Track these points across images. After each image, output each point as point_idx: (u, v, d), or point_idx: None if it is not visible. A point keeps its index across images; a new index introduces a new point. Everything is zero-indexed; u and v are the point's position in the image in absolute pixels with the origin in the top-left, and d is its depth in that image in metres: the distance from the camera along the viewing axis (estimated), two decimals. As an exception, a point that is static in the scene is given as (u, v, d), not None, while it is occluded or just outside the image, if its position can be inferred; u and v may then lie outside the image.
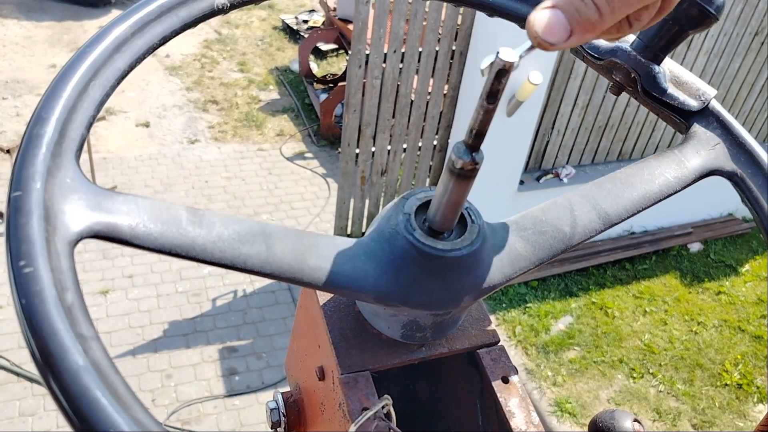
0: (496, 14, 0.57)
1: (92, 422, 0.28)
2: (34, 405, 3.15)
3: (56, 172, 0.35)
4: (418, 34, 3.38)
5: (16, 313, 0.31)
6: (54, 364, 0.29)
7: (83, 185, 0.36)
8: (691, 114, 0.57)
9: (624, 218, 0.52)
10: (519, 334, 3.92)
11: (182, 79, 6.11)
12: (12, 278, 0.31)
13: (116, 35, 0.42)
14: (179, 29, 0.45)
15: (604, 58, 0.56)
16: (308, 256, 0.44)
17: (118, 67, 0.41)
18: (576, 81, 3.81)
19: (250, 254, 0.41)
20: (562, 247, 0.51)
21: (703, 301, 4.37)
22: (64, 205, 0.35)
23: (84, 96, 0.39)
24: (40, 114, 0.37)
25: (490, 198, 3.78)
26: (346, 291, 0.45)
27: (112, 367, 0.30)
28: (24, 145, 0.36)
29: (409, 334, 0.55)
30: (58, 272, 0.32)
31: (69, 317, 0.30)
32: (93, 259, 4.01)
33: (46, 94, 0.38)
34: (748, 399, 3.71)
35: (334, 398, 0.57)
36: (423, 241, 0.46)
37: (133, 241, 0.37)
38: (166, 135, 5.31)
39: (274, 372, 3.49)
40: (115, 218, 0.36)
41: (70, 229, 0.34)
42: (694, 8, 0.49)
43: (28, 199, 0.33)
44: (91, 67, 0.40)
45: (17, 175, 0.34)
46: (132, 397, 0.30)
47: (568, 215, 0.51)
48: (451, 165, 0.41)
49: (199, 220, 0.40)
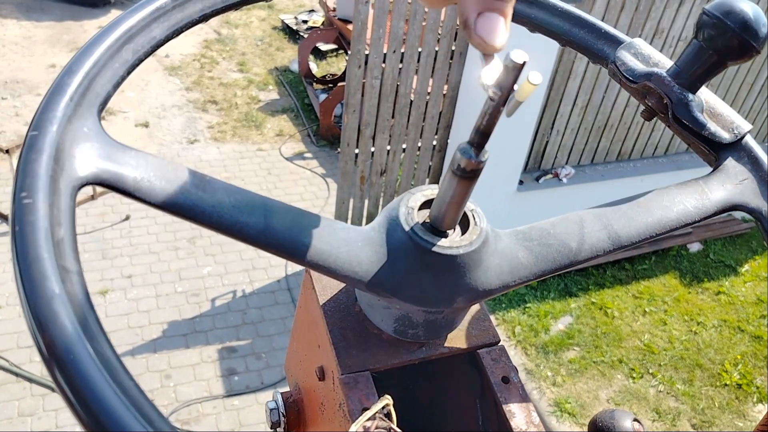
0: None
1: (56, 347, 0.28)
2: (33, 405, 3.15)
3: (75, 120, 0.37)
4: (417, 34, 3.38)
5: (9, 240, 0.32)
6: (32, 289, 0.30)
7: (99, 135, 0.38)
8: (722, 146, 0.55)
9: (635, 242, 0.51)
10: (519, 334, 3.92)
11: (182, 79, 6.11)
12: (12, 208, 0.32)
13: (157, 5, 0.43)
14: (220, 9, 0.47)
15: (638, 82, 0.55)
16: (305, 234, 0.44)
17: (153, 36, 0.43)
18: (575, 81, 3.81)
19: (247, 223, 0.41)
20: (566, 262, 0.50)
21: (702, 301, 4.37)
22: (76, 150, 0.36)
23: (116, 57, 0.41)
24: (71, 66, 0.39)
25: (490, 198, 3.78)
26: (338, 274, 0.45)
27: (87, 301, 0.31)
28: (50, 92, 0.37)
29: (402, 329, 0.55)
30: (56, 208, 0.33)
31: (56, 249, 0.31)
32: (92, 260, 4.01)
33: (80, 50, 0.40)
34: (747, 399, 3.71)
35: (334, 398, 0.57)
36: (421, 235, 0.46)
37: (136, 193, 0.38)
38: (165, 135, 5.31)
39: (273, 372, 3.49)
40: (122, 169, 0.37)
41: (76, 173, 0.35)
42: (736, 39, 0.47)
43: (42, 139, 0.35)
44: (127, 31, 0.42)
45: (38, 117, 0.36)
46: (99, 329, 0.30)
47: (577, 231, 0.51)
48: (455, 164, 0.41)
49: (204, 185, 0.41)
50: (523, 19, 0.58)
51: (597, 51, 0.58)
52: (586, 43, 0.58)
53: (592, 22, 0.58)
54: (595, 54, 0.58)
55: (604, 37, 0.58)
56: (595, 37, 0.58)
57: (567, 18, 0.58)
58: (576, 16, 0.58)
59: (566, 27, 0.58)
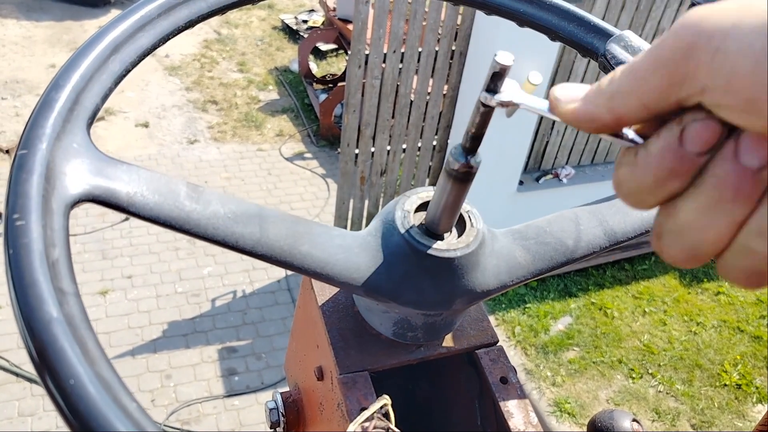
0: (494, 13, 0.58)
1: (57, 371, 0.28)
2: (34, 405, 3.15)
3: (64, 136, 0.36)
4: (417, 34, 3.38)
5: (4, 263, 0.32)
6: (29, 313, 0.30)
7: (89, 151, 0.37)
8: None
9: (630, 237, 0.51)
10: (518, 334, 3.92)
11: (182, 79, 6.11)
12: (5, 230, 0.32)
13: (142, 14, 0.43)
14: (206, 14, 0.46)
15: None
16: (301, 242, 0.44)
17: (141, 45, 0.42)
18: (576, 81, 3.81)
19: (243, 234, 0.41)
20: (563, 259, 0.50)
21: (702, 302, 4.37)
22: (66, 168, 0.35)
23: (103, 69, 0.40)
24: (57, 81, 0.38)
25: (490, 198, 3.78)
26: (335, 281, 0.45)
27: (85, 322, 0.30)
28: (38, 108, 0.37)
29: (401, 332, 0.55)
30: (50, 229, 0.32)
31: (51, 271, 0.31)
32: (92, 260, 4.01)
33: (66, 63, 0.39)
34: (747, 399, 3.71)
35: (332, 398, 0.57)
36: (418, 238, 0.46)
37: (129, 208, 0.37)
38: (165, 135, 5.31)
39: (273, 372, 3.49)
40: (114, 185, 0.37)
41: (68, 191, 0.35)
42: None
43: (31, 158, 0.34)
44: (113, 41, 0.41)
45: (26, 134, 0.36)
46: (100, 352, 0.30)
47: (573, 228, 0.51)
48: (448, 167, 0.41)
49: (197, 196, 0.40)
50: (511, 13, 0.58)
51: (586, 44, 0.57)
52: (575, 37, 0.57)
53: (581, 15, 0.57)
54: (584, 48, 0.57)
55: (594, 30, 0.57)
56: (584, 31, 0.57)
57: (555, 12, 0.57)
58: (564, 9, 0.58)
59: (554, 21, 0.57)
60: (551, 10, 0.58)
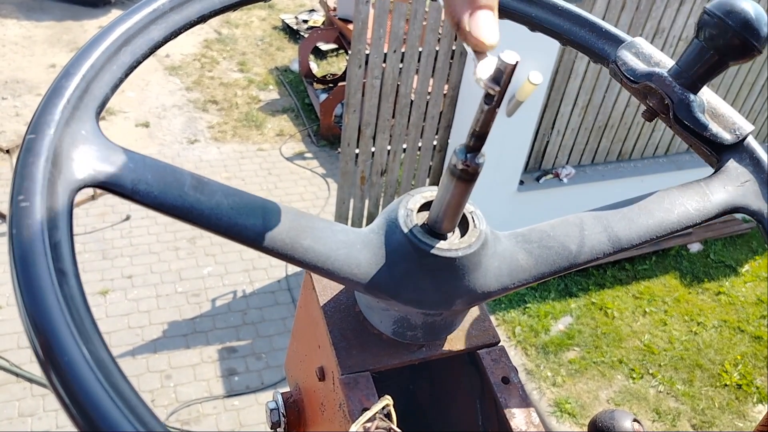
0: (506, 17, 0.58)
1: (52, 349, 0.29)
2: (34, 405, 3.15)
3: (73, 123, 0.37)
4: (418, 34, 3.38)
5: (6, 243, 0.32)
6: (27, 292, 0.30)
7: (96, 138, 0.38)
8: (724, 148, 0.54)
9: (635, 244, 0.51)
10: (519, 334, 3.92)
11: (182, 79, 6.11)
12: (9, 211, 0.32)
13: (155, 7, 0.43)
14: (219, 9, 0.47)
15: (639, 82, 0.54)
16: (303, 236, 0.44)
17: (152, 37, 0.43)
18: (576, 81, 3.81)
19: (245, 226, 0.41)
20: (565, 264, 0.50)
21: (702, 302, 4.37)
22: (73, 153, 0.36)
23: (113, 59, 0.41)
24: (68, 69, 0.39)
25: (491, 198, 3.78)
26: (336, 276, 0.45)
27: (83, 303, 0.31)
28: (48, 95, 0.37)
29: (400, 331, 0.55)
30: (53, 211, 0.33)
31: (53, 252, 0.31)
32: (93, 260, 4.01)
33: (78, 53, 0.40)
34: (747, 399, 3.71)
35: (334, 399, 0.57)
36: (420, 237, 0.46)
37: (133, 196, 0.38)
38: (165, 135, 5.31)
39: (273, 372, 3.49)
40: (119, 172, 0.37)
41: (74, 175, 0.35)
42: (737, 39, 0.47)
43: (39, 143, 0.35)
44: (125, 33, 0.42)
45: (35, 120, 0.36)
46: (95, 331, 0.30)
47: (577, 233, 0.50)
48: (452, 167, 0.41)
49: (202, 187, 0.40)
50: (523, 18, 0.58)
51: (598, 50, 0.57)
52: (587, 43, 0.58)
53: (593, 21, 0.58)
54: (595, 53, 0.58)
55: (605, 37, 0.57)
56: (596, 37, 0.58)
57: (568, 17, 0.58)
58: (577, 15, 0.58)
59: (567, 26, 0.58)
60: (564, 16, 0.58)
